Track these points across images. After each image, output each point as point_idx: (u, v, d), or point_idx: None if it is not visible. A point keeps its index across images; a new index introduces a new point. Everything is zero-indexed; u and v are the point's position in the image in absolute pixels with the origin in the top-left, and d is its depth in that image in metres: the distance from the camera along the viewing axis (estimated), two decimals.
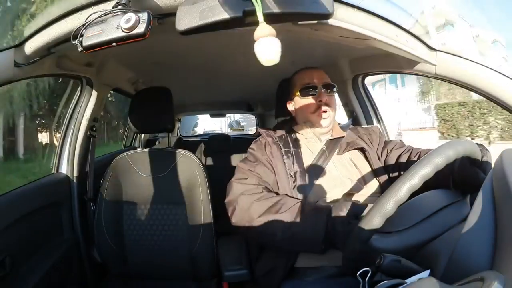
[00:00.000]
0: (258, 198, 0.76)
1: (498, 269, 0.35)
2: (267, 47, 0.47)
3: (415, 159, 0.82)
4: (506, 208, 0.39)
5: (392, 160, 0.88)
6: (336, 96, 0.98)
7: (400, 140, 0.95)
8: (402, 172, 0.84)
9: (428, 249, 0.50)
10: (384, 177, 0.86)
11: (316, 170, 0.85)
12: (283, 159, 0.85)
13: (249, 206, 0.75)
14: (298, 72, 0.95)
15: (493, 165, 0.48)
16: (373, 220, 0.49)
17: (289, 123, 0.98)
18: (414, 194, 0.52)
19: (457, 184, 0.63)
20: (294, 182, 0.82)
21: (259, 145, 0.92)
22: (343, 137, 0.92)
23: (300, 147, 0.90)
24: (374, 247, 0.51)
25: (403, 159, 0.85)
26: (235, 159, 2.26)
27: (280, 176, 0.83)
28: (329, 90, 0.89)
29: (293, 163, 0.84)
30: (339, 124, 1.00)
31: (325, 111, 0.88)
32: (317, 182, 0.83)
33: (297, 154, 0.86)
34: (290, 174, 0.83)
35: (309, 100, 0.89)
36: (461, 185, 0.62)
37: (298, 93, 0.91)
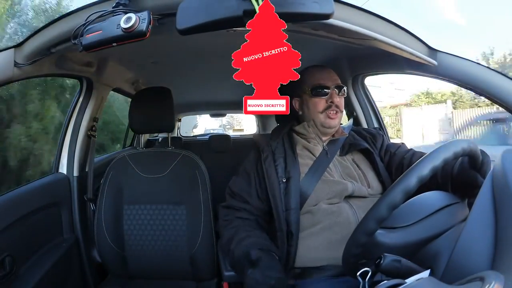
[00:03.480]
0: (228, 228, 0.85)
1: (498, 269, 0.35)
2: None
3: None
4: (506, 208, 0.39)
5: (395, 163, 0.87)
6: None
7: (403, 143, 0.94)
8: None
9: (428, 249, 0.50)
10: (387, 179, 0.85)
11: (316, 172, 0.84)
12: (276, 166, 0.84)
13: (223, 232, 0.87)
14: (309, 70, 0.92)
15: (492, 166, 0.48)
16: (380, 212, 0.48)
17: (290, 123, 0.96)
18: (413, 195, 0.53)
19: (455, 189, 0.64)
20: (286, 188, 0.81)
21: (252, 159, 0.92)
22: (345, 137, 0.91)
23: (298, 149, 0.89)
24: (378, 241, 0.51)
25: (406, 162, 0.84)
26: (235, 160, 2.26)
27: (271, 185, 0.83)
28: (340, 92, 0.88)
29: (286, 169, 0.83)
30: (340, 124, 0.99)
31: (336, 112, 0.87)
32: (317, 184, 0.82)
33: (292, 158, 0.85)
34: (282, 180, 0.82)
35: (320, 99, 0.87)
36: (460, 189, 0.62)
37: (308, 91, 0.88)
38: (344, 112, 1.38)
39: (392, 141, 1.00)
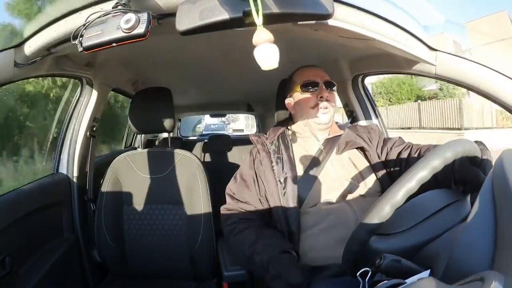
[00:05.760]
0: (235, 234, 0.84)
1: (498, 269, 0.35)
2: (266, 54, 0.47)
3: (415, 155, 0.81)
4: (506, 208, 0.39)
5: (392, 158, 0.86)
6: (336, 96, 0.98)
7: (400, 137, 0.93)
8: (403, 169, 0.83)
9: (428, 249, 0.50)
10: (384, 176, 0.85)
11: (313, 172, 0.84)
12: (272, 166, 0.84)
13: (230, 238, 0.86)
14: (299, 70, 0.94)
15: (493, 165, 0.48)
16: (372, 222, 0.48)
17: (286, 123, 0.97)
18: (412, 196, 0.52)
19: (457, 182, 0.63)
20: (284, 188, 0.81)
21: (249, 160, 0.92)
22: (341, 135, 0.91)
23: (294, 149, 0.88)
24: (373, 248, 0.51)
25: (404, 156, 0.84)
26: (235, 159, 2.26)
27: (269, 186, 0.83)
28: (329, 88, 0.89)
29: (283, 169, 0.83)
30: (336, 123, 0.99)
31: (326, 107, 0.87)
32: (314, 184, 0.82)
33: (288, 158, 0.85)
34: (279, 181, 0.82)
35: (309, 95, 0.88)
36: (462, 184, 0.61)
37: (298, 89, 0.90)
38: (344, 112, 1.39)
39: None
